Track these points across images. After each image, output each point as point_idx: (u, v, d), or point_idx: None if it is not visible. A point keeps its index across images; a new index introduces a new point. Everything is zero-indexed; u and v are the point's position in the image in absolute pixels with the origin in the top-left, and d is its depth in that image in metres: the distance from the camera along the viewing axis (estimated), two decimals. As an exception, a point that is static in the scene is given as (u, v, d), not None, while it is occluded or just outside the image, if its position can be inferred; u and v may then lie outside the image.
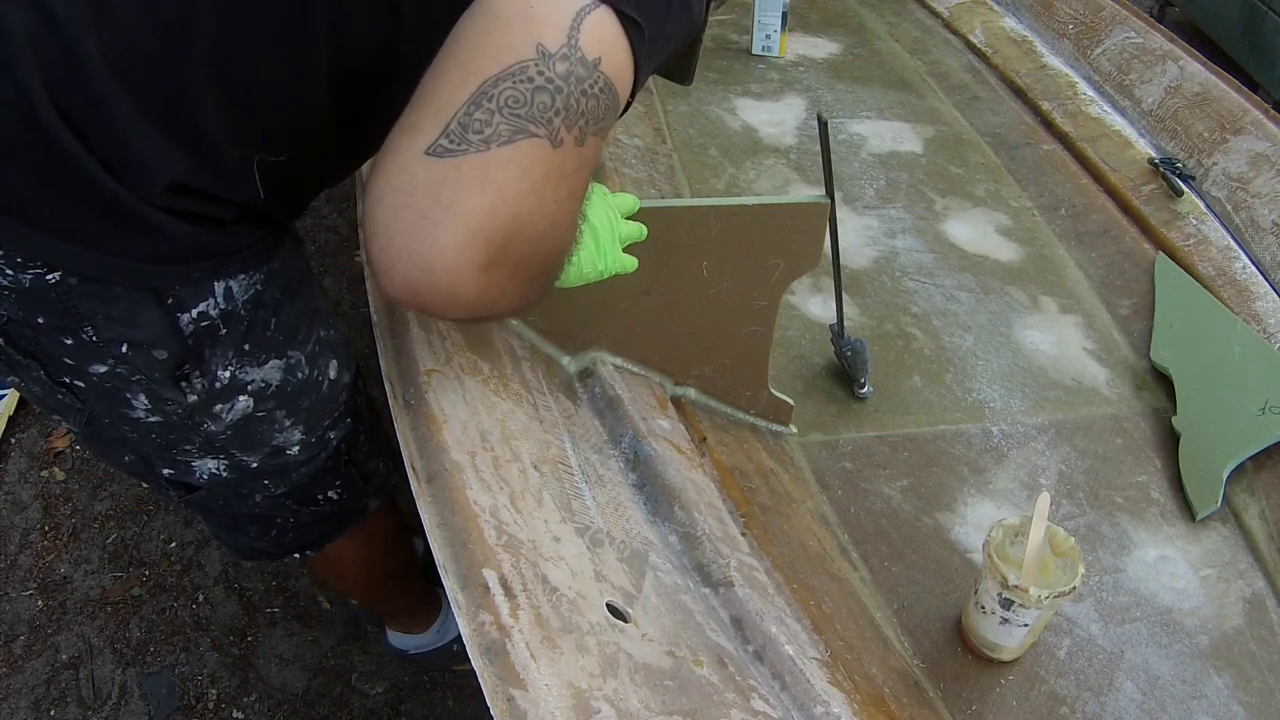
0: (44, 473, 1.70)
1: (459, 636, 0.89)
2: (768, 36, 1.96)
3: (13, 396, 1.81)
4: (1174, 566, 1.05)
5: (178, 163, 0.65)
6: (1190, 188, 1.54)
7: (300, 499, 0.97)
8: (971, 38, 2.06)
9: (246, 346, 0.79)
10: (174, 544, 1.60)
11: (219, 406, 0.81)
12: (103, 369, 0.73)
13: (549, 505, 0.81)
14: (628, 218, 0.88)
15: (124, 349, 0.72)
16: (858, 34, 2.13)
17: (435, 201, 0.51)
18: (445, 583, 0.67)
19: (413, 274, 0.53)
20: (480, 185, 0.51)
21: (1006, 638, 0.91)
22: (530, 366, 0.97)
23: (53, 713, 1.37)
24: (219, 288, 0.74)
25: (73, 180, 0.62)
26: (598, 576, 0.77)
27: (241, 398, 0.81)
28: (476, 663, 0.61)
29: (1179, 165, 1.57)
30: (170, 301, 0.72)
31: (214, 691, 1.40)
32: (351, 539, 1.10)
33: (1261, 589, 1.04)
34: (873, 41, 2.10)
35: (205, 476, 0.88)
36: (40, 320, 0.69)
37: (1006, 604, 0.87)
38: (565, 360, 1.01)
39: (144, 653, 1.44)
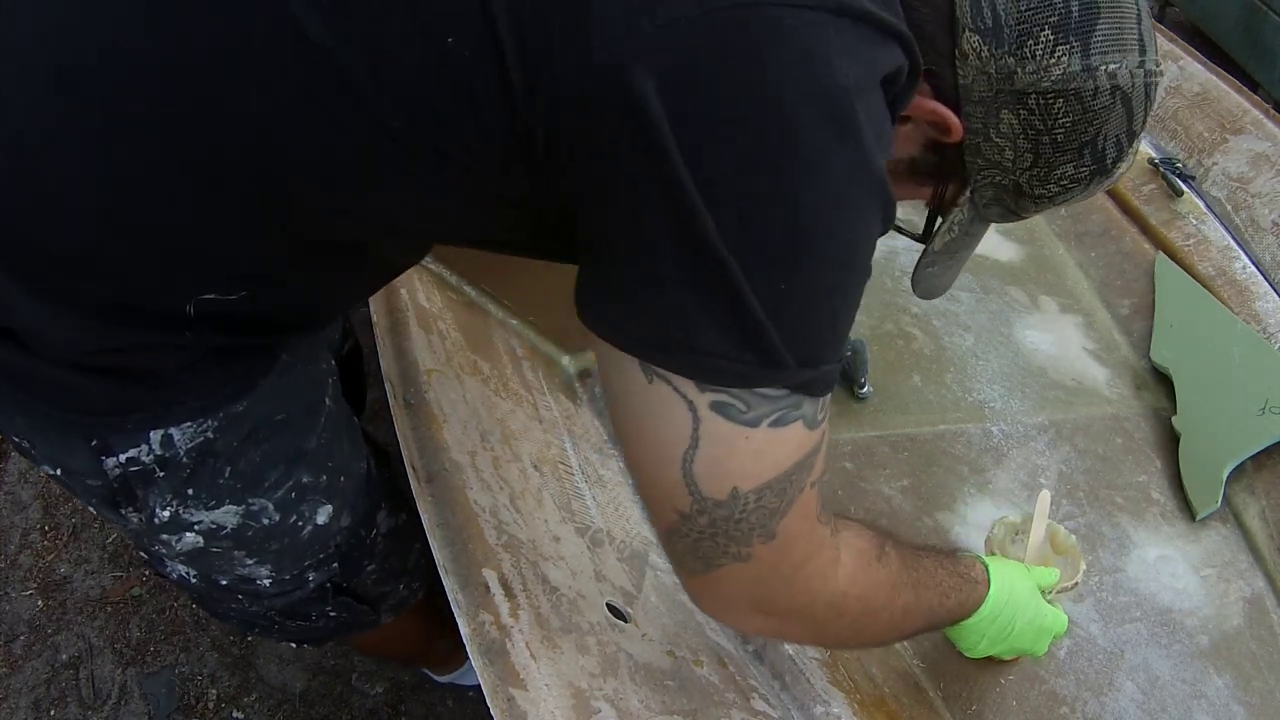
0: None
1: None
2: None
3: (13, 396, 1.81)
4: (1174, 566, 1.05)
5: (85, 330, 0.60)
6: (1190, 188, 1.54)
7: (286, 614, 0.86)
8: (971, 38, 2.05)
9: (190, 491, 0.70)
10: (174, 544, 1.60)
11: (165, 536, 0.74)
12: (53, 473, 0.71)
13: (549, 505, 0.81)
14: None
15: (59, 471, 0.69)
16: (858, 34, 2.12)
17: (705, 606, 0.64)
18: (445, 583, 0.67)
19: (718, 619, 0.68)
20: (715, 601, 0.63)
21: (1006, 637, 0.90)
22: (530, 366, 0.97)
23: (53, 713, 1.37)
24: (155, 435, 0.66)
25: None
26: (598, 576, 0.77)
27: (189, 534, 0.73)
28: (476, 663, 0.61)
29: (1179, 165, 1.56)
30: (95, 443, 0.66)
31: (214, 691, 1.40)
32: (370, 635, 0.98)
33: (1261, 589, 1.04)
34: (873, 41, 2.10)
35: (176, 577, 0.81)
36: None
37: (1006, 604, 0.87)
38: (565, 360, 1.01)
39: (144, 653, 1.44)
